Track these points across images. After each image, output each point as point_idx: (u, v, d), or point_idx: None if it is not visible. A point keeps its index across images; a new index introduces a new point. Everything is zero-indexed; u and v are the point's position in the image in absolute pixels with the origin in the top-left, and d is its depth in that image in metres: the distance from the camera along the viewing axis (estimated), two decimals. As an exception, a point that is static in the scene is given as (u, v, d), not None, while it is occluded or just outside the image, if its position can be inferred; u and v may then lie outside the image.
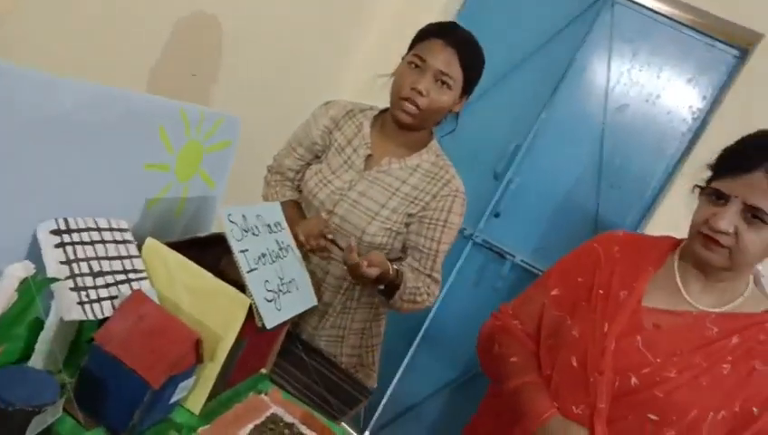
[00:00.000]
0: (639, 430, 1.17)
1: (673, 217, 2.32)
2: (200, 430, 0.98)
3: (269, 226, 1.19)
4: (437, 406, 2.76)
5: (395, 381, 2.71)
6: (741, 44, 2.35)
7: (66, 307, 0.86)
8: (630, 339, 1.20)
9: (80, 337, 0.95)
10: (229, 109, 1.68)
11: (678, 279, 1.23)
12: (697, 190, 1.21)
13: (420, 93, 1.40)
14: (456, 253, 2.63)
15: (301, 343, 1.55)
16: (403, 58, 1.49)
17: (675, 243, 1.30)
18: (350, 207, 1.47)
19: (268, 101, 2.09)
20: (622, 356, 1.19)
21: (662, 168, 2.47)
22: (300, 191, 1.61)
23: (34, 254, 0.87)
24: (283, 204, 1.55)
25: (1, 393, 0.72)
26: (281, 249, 1.20)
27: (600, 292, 1.25)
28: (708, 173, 1.20)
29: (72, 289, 0.88)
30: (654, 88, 2.46)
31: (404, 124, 1.46)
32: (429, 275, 1.50)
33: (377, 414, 2.70)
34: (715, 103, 2.38)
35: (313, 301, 1.24)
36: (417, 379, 2.72)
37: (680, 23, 2.41)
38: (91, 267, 0.92)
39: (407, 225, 1.49)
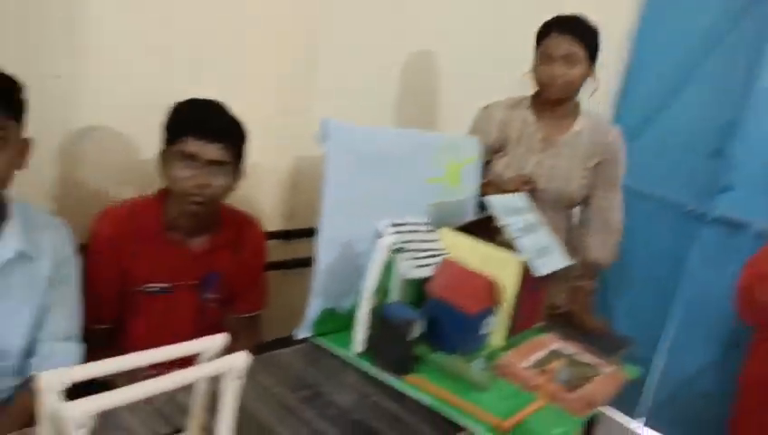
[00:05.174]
0: None
1: None
2: (509, 351, 1.35)
3: (518, 209, 1.56)
4: (708, 381, 2.78)
5: (662, 365, 2.83)
6: None
7: (407, 270, 1.31)
8: None
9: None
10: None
11: None
12: None
13: (560, 76, 1.81)
14: (688, 235, 2.75)
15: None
16: (534, 55, 1.89)
17: None
18: (548, 180, 1.90)
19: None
20: None
21: None
22: None
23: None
24: (484, 183, 1.94)
25: (394, 314, 1.17)
26: (531, 225, 1.55)
27: None
28: None
29: (407, 259, 1.32)
30: None
31: (557, 99, 1.87)
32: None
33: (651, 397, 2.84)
34: None
35: (567, 260, 1.56)
36: (681, 360, 2.81)
37: None
38: (415, 246, 1.36)
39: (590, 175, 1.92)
